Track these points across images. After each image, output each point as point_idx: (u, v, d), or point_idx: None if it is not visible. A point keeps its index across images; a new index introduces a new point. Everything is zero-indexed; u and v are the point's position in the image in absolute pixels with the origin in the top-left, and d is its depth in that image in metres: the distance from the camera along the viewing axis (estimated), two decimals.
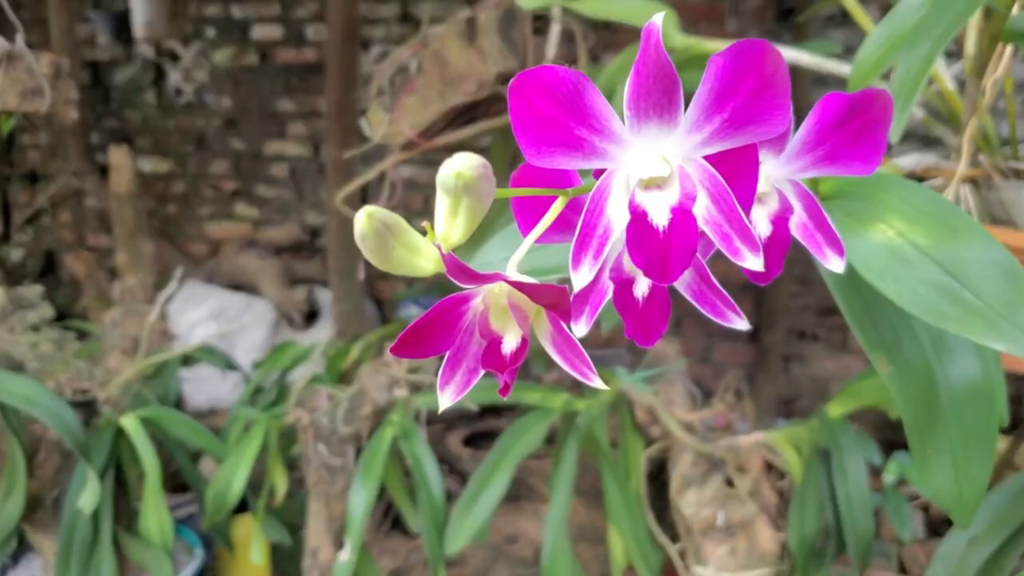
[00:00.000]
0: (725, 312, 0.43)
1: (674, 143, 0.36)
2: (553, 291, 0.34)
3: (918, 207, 0.54)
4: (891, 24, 0.81)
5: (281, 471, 1.75)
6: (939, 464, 0.60)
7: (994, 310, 0.49)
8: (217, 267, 2.83)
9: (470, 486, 1.53)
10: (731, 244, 0.37)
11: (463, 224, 0.36)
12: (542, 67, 0.35)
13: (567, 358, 0.39)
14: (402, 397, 1.63)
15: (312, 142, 2.91)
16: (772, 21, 2.56)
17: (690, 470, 1.58)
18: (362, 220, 0.33)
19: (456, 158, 0.34)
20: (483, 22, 1.41)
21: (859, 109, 0.41)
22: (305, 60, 2.84)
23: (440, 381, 0.39)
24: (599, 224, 0.37)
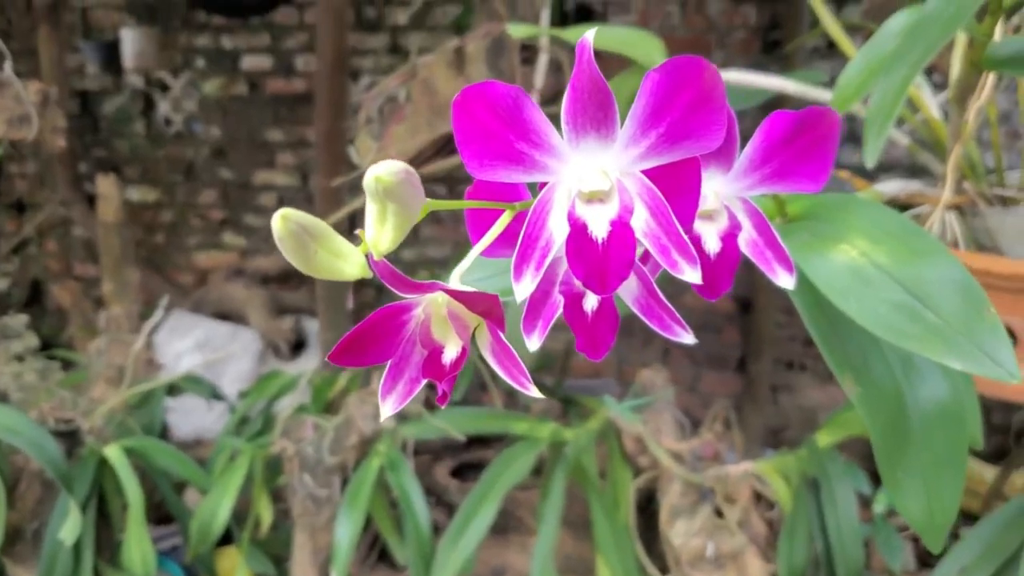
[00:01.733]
0: (672, 326, 0.42)
1: (612, 157, 0.36)
2: (486, 299, 0.34)
3: (882, 228, 0.54)
4: (871, 51, 0.82)
5: (266, 502, 1.73)
6: (910, 486, 0.59)
7: (953, 329, 0.48)
8: (204, 297, 2.82)
9: (457, 518, 1.52)
10: (669, 256, 0.36)
11: (392, 230, 0.35)
12: (485, 82, 0.34)
13: (504, 367, 0.39)
14: (389, 427, 1.62)
15: (300, 171, 2.92)
16: (758, 53, 2.58)
17: (679, 500, 1.57)
18: (278, 222, 0.33)
19: (378, 164, 0.34)
20: (471, 52, 1.42)
21: (807, 126, 0.41)
22: (294, 90, 2.86)
23: (382, 390, 0.39)
24: (541, 236, 0.37)
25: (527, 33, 1.14)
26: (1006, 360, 0.46)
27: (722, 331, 2.63)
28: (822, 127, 0.41)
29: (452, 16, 2.64)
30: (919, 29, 0.76)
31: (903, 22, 0.84)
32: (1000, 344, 0.47)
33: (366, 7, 2.74)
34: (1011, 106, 1.76)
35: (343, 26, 2.12)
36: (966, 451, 0.59)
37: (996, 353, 0.47)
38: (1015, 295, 0.90)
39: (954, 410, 0.58)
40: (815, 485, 1.55)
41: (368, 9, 2.74)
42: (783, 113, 0.41)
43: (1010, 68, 0.85)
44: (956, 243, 0.99)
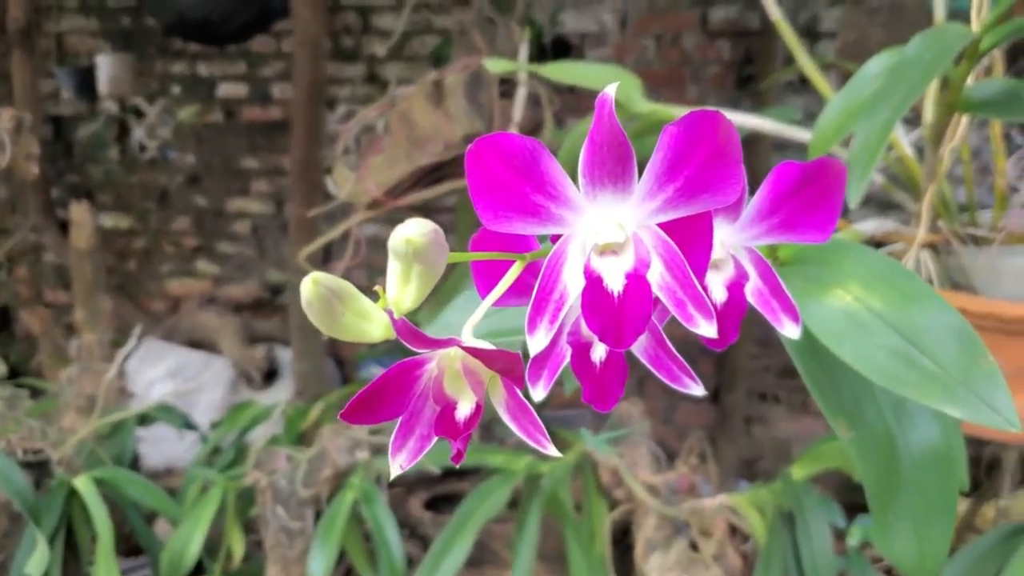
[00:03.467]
0: (681, 377, 0.42)
1: (629, 210, 0.36)
2: (506, 357, 0.34)
3: (875, 273, 0.54)
4: (850, 93, 0.83)
5: (238, 534, 1.71)
6: (901, 530, 0.60)
7: (951, 376, 0.49)
8: (176, 324, 2.79)
9: (432, 551, 1.50)
10: (685, 310, 0.36)
11: (415, 290, 0.35)
12: (499, 133, 0.35)
13: (521, 425, 0.38)
14: (363, 460, 1.61)
15: (275, 200, 2.91)
16: (732, 88, 2.61)
17: (654, 534, 1.57)
18: (308, 286, 0.32)
19: (408, 224, 0.34)
20: (450, 85, 1.43)
21: (813, 177, 0.41)
22: (270, 118, 2.85)
23: (392, 447, 0.39)
24: (555, 289, 0.37)
25: (505, 68, 1.14)
26: (1004, 408, 0.47)
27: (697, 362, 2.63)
28: (828, 178, 0.41)
29: (430, 47, 2.65)
30: (900, 73, 0.77)
31: (882, 65, 0.85)
32: (998, 391, 0.47)
33: (343, 36, 2.75)
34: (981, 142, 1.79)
35: (320, 55, 2.13)
36: (956, 495, 0.60)
37: (994, 401, 0.47)
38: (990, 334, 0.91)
39: (945, 455, 0.59)
40: (790, 518, 1.56)
41: (345, 39, 2.75)
42: (790, 164, 0.42)
43: (985, 111, 0.87)
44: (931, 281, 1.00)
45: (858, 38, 1.48)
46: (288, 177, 2.82)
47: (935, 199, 0.95)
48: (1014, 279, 0.93)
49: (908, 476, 0.59)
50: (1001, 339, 0.91)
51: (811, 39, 2.56)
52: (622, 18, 2.65)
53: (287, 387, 2.60)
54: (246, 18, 2.35)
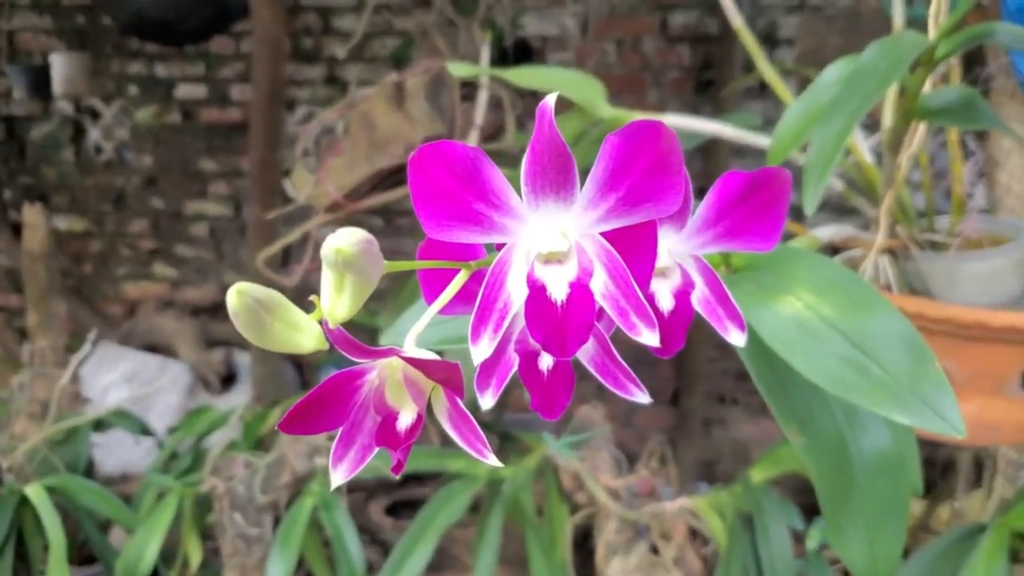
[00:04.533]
0: (627, 385, 0.42)
1: (572, 219, 0.36)
2: (445, 367, 0.33)
3: (826, 279, 0.55)
4: (808, 99, 0.83)
5: (195, 541, 1.68)
6: (853, 534, 0.60)
7: (899, 383, 0.49)
8: (132, 328, 2.75)
9: (393, 557, 1.49)
10: (627, 319, 0.36)
11: (349, 299, 0.34)
12: (441, 141, 0.34)
13: (463, 434, 0.38)
14: (323, 466, 1.59)
15: (234, 202, 2.88)
16: (691, 93, 2.62)
17: (615, 537, 1.57)
18: (233, 297, 0.31)
19: (338, 234, 0.33)
20: (412, 87, 1.42)
21: (758, 186, 0.41)
22: (229, 120, 2.82)
23: (333, 457, 0.38)
24: (499, 298, 0.36)
25: (468, 72, 1.14)
26: (951, 414, 0.47)
27: (656, 366, 2.65)
28: (774, 187, 0.41)
29: (390, 48, 2.64)
30: (856, 80, 0.78)
31: (839, 72, 0.86)
32: (945, 398, 0.47)
33: (303, 37, 2.73)
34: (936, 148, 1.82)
35: (280, 56, 2.11)
36: (908, 499, 0.60)
37: (941, 407, 0.47)
38: (947, 339, 0.92)
39: (896, 460, 0.59)
40: (749, 521, 1.57)
41: (305, 40, 2.73)
42: (736, 173, 0.41)
43: (941, 118, 0.88)
44: (889, 286, 1.01)
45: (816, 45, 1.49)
46: (247, 179, 2.79)
47: (893, 205, 0.96)
48: (970, 284, 0.94)
49: (860, 481, 0.59)
50: (958, 344, 0.91)
51: (770, 45, 2.58)
52: (583, 22, 2.65)
53: (245, 392, 2.58)
54: (204, 18, 2.32)
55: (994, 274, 0.97)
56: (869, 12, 1.47)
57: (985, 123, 0.88)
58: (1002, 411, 0.98)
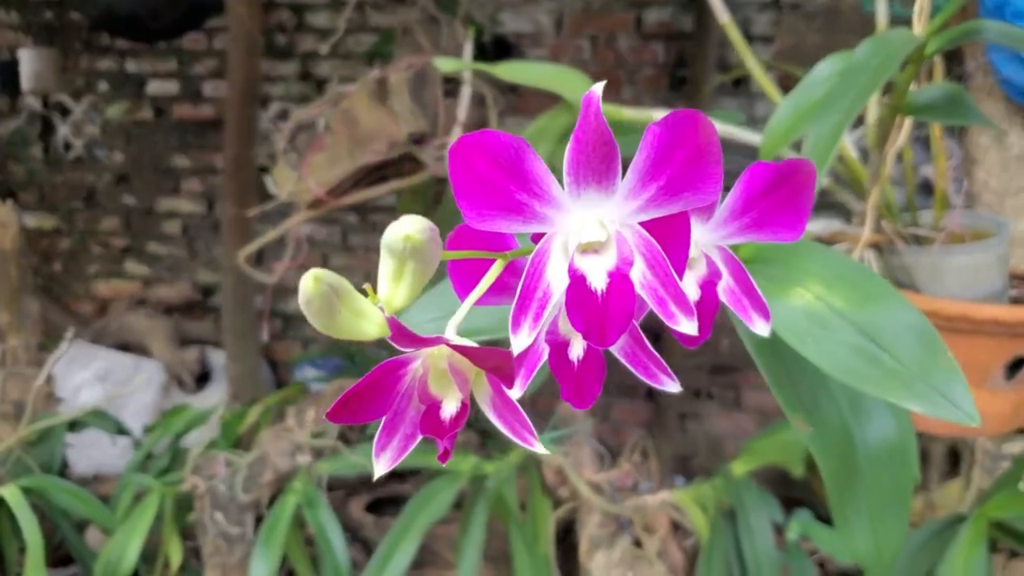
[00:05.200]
0: (658, 375, 0.42)
1: (612, 208, 0.36)
2: (497, 355, 0.33)
3: (835, 272, 0.55)
4: (799, 96, 0.84)
5: (176, 541, 1.67)
6: (858, 524, 0.61)
7: (911, 372, 0.50)
8: (105, 327, 2.72)
9: (377, 555, 1.49)
10: (666, 308, 0.37)
11: (408, 288, 0.35)
12: (484, 131, 0.34)
13: (507, 422, 0.38)
14: (305, 464, 1.59)
15: (207, 199, 2.85)
16: (666, 89, 2.64)
17: (598, 531, 1.58)
18: (309, 283, 0.31)
19: (404, 221, 0.33)
20: (394, 83, 1.42)
21: (785, 178, 0.42)
22: (202, 116, 2.79)
23: (376, 447, 0.38)
24: (538, 287, 0.36)
25: (454, 68, 1.14)
26: (964, 403, 0.48)
27: None
28: (799, 178, 0.42)
29: (365, 45, 2.63)
30: (849, 77, 0.79)
31: (830, 69, 0.87)
32: (958, 387, 0.48)
33: (277, 34, 2.71)
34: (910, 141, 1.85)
35: (255, 52, 2.10)
36: (911, 489, 0.61)
37: (954, 396, 0.48)
38: None
39: (900, 449, 0.60)
40: (731, 514, 1.58)
41: (279, 36, 2.71)
42: (763, 164, 0.42)
43: (928, 114, 0.89)
44: None
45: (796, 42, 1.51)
46: (220, 176, 2.77)
47: (879, 200, 0.97)
48: (954, 278, 0.96)
49: (865, 470, 0.60)
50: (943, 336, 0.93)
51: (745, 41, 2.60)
52: (558, 19, 2.66)
53: (220, 390, 2.56)
54: (177, 15, 2.30)
55: (977, 268, 0.99)
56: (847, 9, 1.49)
57: (970, 119, 0.90)
58: (986, 403, 1.00)
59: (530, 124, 1.10)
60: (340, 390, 1.79)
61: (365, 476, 1.84)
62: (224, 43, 2.72)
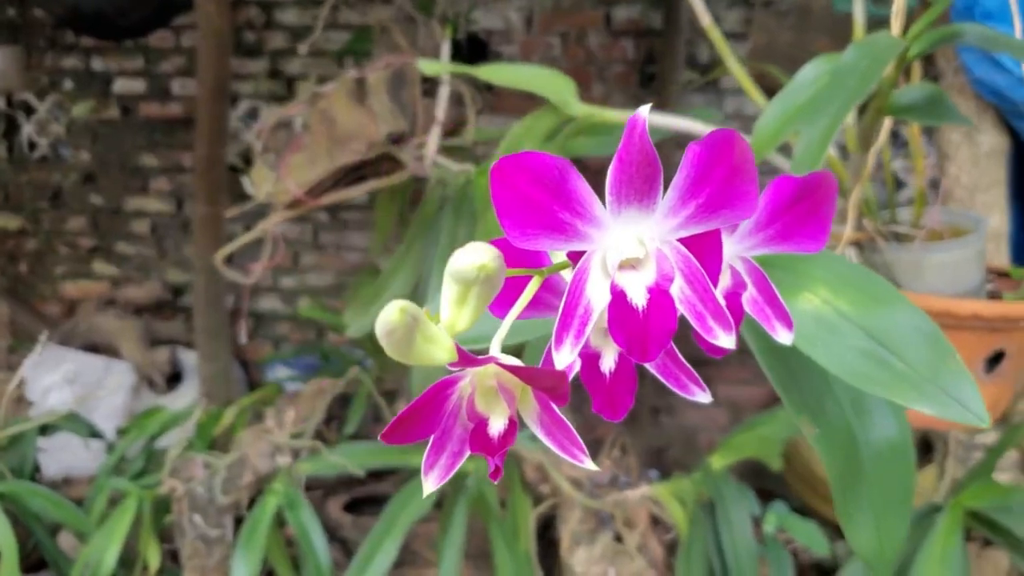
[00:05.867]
0: (689, 386, 0.43)
1: (651, 226, 0.37)
2: (552, 375, 0.34)
3: (840, 276, 0.57)
4: (786, 99, 0.85)
5: (154, 545, 1.66)
6: (861, 521, 0.62)
7: (920, 375, 0.51)
8: (73, 328, 2.68)
9: (359, 555, 1.49)
10: (705, 323, 0.37)
11: (471, 312, 0.35)
12: (526, 152, 0.35)
13: (556, 439, 0.39)
14: (285, 465, 1.58)
15: (175, 198, 2.82)
16: (636, 86, 2.65)
17: (579, 527, 1.59)
18: (395, 315, 0.31)
19: (474, 250, 0.34)
20: (373, 83, 1.41)
21: (808, 191, 0.43)
22: (170, 115, 2.76)
23: (425, 465, 0.38)
24: (580, 304, 0.37)
25: (438, 70, 1.14)
26: (974, 404, 0.49)
27: None
28: (822, 191, 0.43)
29: (336, 43, 2.61)
30: (838, 80, 0.80)
31: (816, 72, 0.88)
32: (968, 388, 0.50)
33: (245, 31, 2.68)
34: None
35: (224, 50, 2.08)
36: (912, 487, 0.62)
37: (964, 398, 0.50)
38: None
39: (902, 448, 0.61)
40: (710, 508, 1.60)
41: (248, 33, 2.69)
42: (787, 178, 0.43)
43: (910, 115, 0.91)
44: None
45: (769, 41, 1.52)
46: (189, 175, 2.74)
47: (860, 198, 0.99)
48: (935, 274, 0.98)
49: (868, 469, 0.62)
50: None
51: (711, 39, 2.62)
52: (528, 16, 2.66)
53: (192, 390, 2.53)
54: (145, 12, 2.27)
55: (957, 264, 1.01)
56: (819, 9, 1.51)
57: (950, 119, 0.92)
58: None
59: (515, 125, 1.11)
60: (319, 390, 1.79)
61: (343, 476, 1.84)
62: (192, 41, 2.70)
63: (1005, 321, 0.92)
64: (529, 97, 2.36)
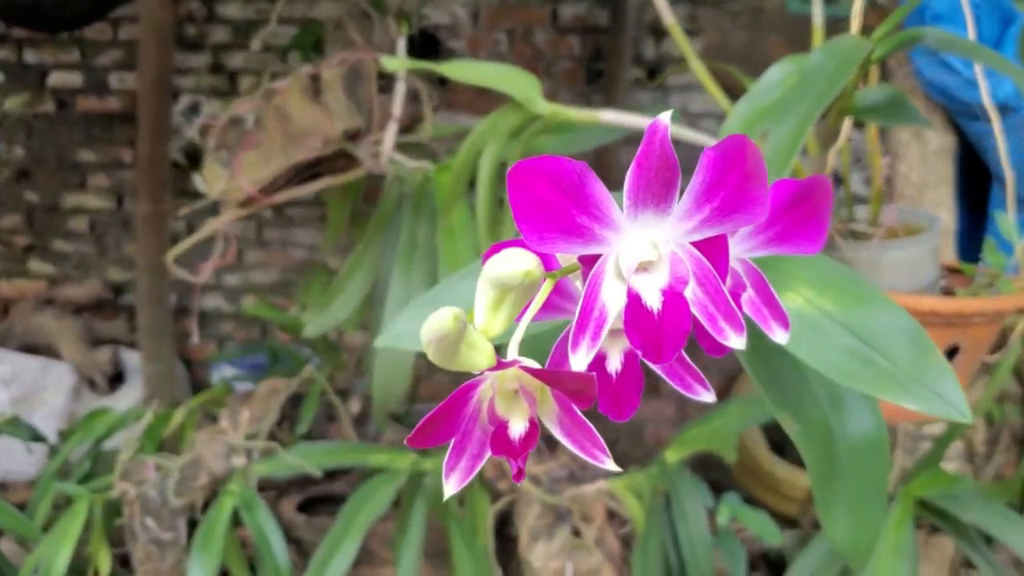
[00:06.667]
0: (694, 386, 0.44)
1: (666, 230, 0.38)
2: (579, 378, 0.34)
3: (823, 276, 0.58)
4: (751, 101, 0.87)
5: (105, 550, 1.62)
6: (839, 514, 0.64)
7: (904, 372, 0.53)
8: (9, 329, 2.61)
9: (317, 555, 1.48)
10: (716, 324, 0.38)
11: (506, 317, 0.35)
12: (545, 157, 0.35)
13: (576, 441, 0.39)
14: (241, 466, 1.56)
15: (115, 194, 2.76)
16: (583, 83, 2.67)
17: (536, 522, 1.60)
18: (449, 322, 0.31)
19: (516, 256, 0.34)
20: (328, 79, 1.40)
21: (807, 194, 0.44)
22: (108, 109, 2.70)
23: (445, 468, 0.38)
24: (595, 307, 0.37)
25: (402, 66, 1.13)
26: (956, 400, 0.51)
27: None
28: (819, 194, 0.44)
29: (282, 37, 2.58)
30: (806, 81, 0.82)
31: (783, 73, 0.89)
32: (950, 385, 0.51)
33: (186, 25, 2.63)
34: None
35: (167, 44, 2.04)
36: (887, 480, 0.64)
37: (947, 394, 0.51)
38: None
39: (878, 442, 0.63)
40: (666, 501, 1.62)
41: (188, 27, 2.64)
42: (786, 182, 0.44)
43: (871, 116, 0.93)
44: None
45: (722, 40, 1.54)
46: (130, 171, 2.69)
47: None
48: (892, 272, 1.01)
49: (845, 464, 0.63)
50: None
51: (657, 36, 2.65)
52: (474, 12, 2.66)
53: (135, 391, 2.49)
54: (84, 4, 2.22)
55: (913, 262, 1.04)
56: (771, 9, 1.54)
57: (910, 120, 0.94)
58: None
59: (479, 123, 1.11)
60: (273, 390, 1.77)
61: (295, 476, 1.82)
62: (131, 33, 2.64)
63: (960, 317, 0.95)
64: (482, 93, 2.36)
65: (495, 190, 1.06)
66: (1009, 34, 1.28)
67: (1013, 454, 1.57)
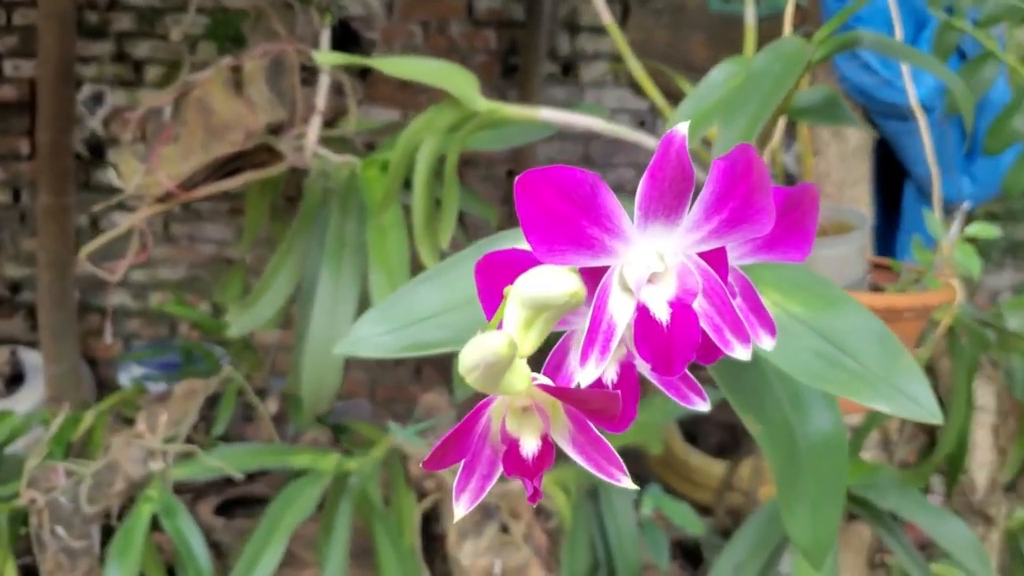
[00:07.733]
0: (690, 395, 0.44)
1: (674, 240, 0.37)
2: (604, 397, 0.33)
3: (791, 279, 0.58)
4: (696, 100, 0.87)
5: (11, 561, 1.55)
6: (799, 512, 0.65)
7: (874, 374, 0.54)
8: None
9: (242, 560, 1.44)
10: (722, 335, 0.38)
11: (537, 336, 0.34)
12: (554, 167, 0.34)
13: (591, 458, 0.38)
14: (160, 470, 1.51)
15: (12, 187, 2.63)
16: (498, 77, 2.66)
17: (464, 520, 1.59)
18: (504, 348, 0.30)
19: (560, 276, 0.32)
20: (250, 72, 1.36)
21: (796, 202, 0.44)
22: (3, 98, 2.57)
23: (456, 489, 0.37)
24: (603, 320, 0.37)
25: (336, 61, 1.11)
26: (926, 401, 0.52)
27: None
28: (807, 202, 0.44)
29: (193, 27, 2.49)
30: (752, 82, 0.83)
31: (726, 73, 0.90)
32: (920, 386, 0.52)
33: (87, 12, 2.53)
34: None
35: (69, 31, 1.95)
36: (845, 478, 0.65)
37: (916, 395, 0.52)
38: None
39: (837, 441, 0.64)
40: (593, 495, 1.64)
41: (90, 14, 2.53)
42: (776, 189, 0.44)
43: (808, 116, 0.95)
44: None
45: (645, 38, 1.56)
46: (28, 162, 2.57)
47: None
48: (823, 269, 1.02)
49: (805, 463, 0.64)
50: None
51: (572, 32, 2.66)
52: (388, 3, 2.63)
53: (36, 393, 2.38)
54: None
55: (843, 259, 1.06)
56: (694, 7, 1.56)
57: (845, 120, 0.97)
58: None
59: (416, 118, 1.09)
60: (191, 391, 1.72)
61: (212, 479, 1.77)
62: (25, 19, 2.52)
63: (891, 312, 0.98)
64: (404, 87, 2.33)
65: (432, 187, 1.05)
66: (923, 36, 1.33)
67: (919, 442, 1.63)
